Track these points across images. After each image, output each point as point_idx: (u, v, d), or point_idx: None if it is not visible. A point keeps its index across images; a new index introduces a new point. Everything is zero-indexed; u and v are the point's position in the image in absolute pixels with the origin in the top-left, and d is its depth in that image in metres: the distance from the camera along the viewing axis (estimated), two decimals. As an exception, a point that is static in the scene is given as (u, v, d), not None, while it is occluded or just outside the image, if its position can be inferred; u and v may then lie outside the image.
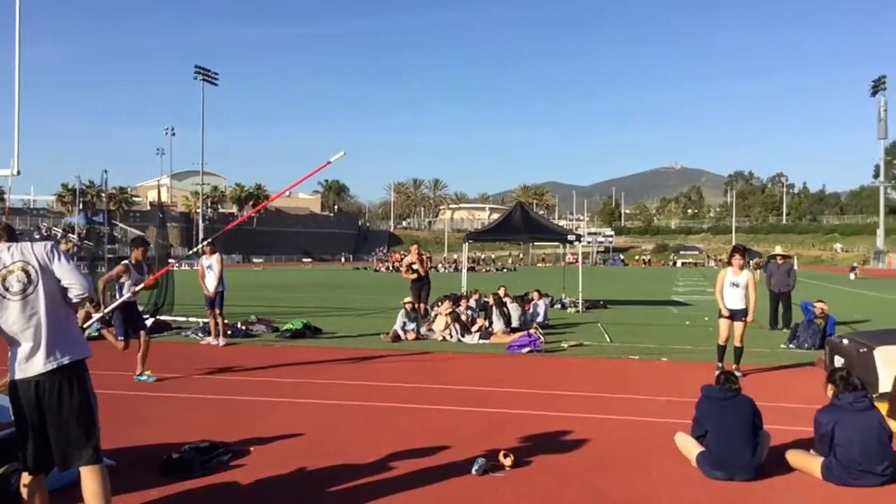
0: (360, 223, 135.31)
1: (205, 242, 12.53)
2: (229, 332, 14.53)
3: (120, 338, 9.81)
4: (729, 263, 10.87)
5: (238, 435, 7.03)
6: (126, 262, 10.27)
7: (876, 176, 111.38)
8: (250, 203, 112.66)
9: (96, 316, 8.04)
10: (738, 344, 10.68)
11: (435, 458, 6.40)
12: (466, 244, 23.44)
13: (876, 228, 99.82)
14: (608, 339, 15.09)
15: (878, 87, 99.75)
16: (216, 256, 13.71)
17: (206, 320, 14.59)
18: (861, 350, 8.94)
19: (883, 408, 7.05)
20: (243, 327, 15.39)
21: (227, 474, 5.96)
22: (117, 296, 9.81)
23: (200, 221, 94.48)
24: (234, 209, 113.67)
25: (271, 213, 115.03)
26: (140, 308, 10.89)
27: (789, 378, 10.82)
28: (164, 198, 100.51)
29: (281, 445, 6.80)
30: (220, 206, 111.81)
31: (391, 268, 64.14)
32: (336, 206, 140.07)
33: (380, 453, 6.46)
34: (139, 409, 8.31)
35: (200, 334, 14.63)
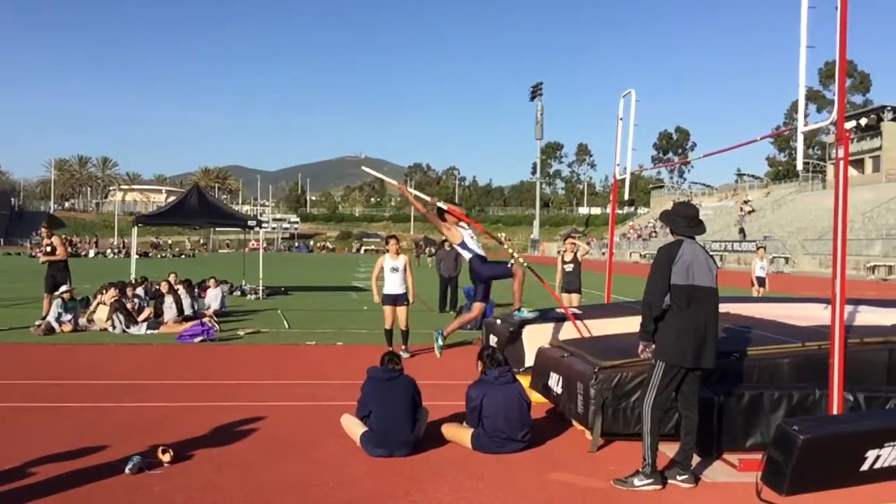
0: (13, 203, 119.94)
1: None
2: None
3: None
4: (386, 250, 11.43)
5: None
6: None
7: (534, 173, 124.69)
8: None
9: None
10: (403, 327, 11.22)
11: (85, 459, 5.85)
12: (136, 228, 21.87)
13: (533, 220, 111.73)
14: (287, 326, 15.05)
15: (536, 92, 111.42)
16: None
17: None
18: (511, 329, 9.82)
19: (526, 380, 7.83)
20: None
21: None
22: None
23: None
24: None
25: None
26: None
27: (452, 357, 11.57)
28: None
29: None
30: None
31: (52, 253, 57.94)
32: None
33: (19, 458, 5.75)
34: None
35: None
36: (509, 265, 8.96)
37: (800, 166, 8.56)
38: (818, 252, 47.96)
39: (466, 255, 9.00)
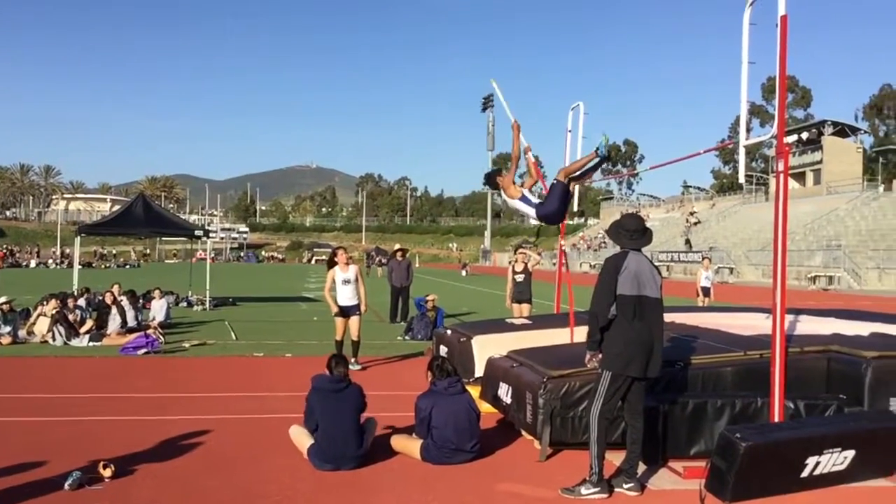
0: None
1: None
2: None
3: None
4: (334, 262, 11.16)
5: None
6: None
7: (485, 183, 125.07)
8: None
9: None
10: (354, 338, 11.10)
11: (24, 475, 5.68)
12: (79, 238, 21.38)
13: (484, 230, 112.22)
14: (234, 337, 14.84)
15: (487, 103, 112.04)
16: None
17: None
18: (461, 339, 9.82)
19: (476, 391, 7.83)
20: None
21: None
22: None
23: None
24: None
25: None
26: None
27: (403, 367, 11.57)
28: None
29: None
30: None
31: (-9, 263, 56.20)
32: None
33: (-50, 477, 5.55)
34: None
35: None
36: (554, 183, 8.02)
37: (741, 179, 8.71)
38: (761, 262, 49.08)
39: (531, 212, 8.07)
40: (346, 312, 11.00)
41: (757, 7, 6.35)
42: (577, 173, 7.49)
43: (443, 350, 10.23)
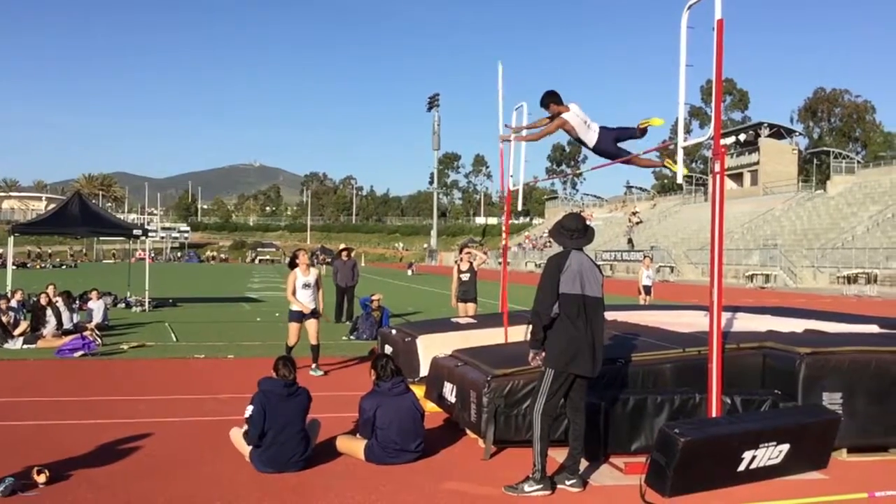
0: None
1: None
2: None
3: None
4: (294, 265, 10.93)
5: None
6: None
7: (431, 183, 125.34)
8: None
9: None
10: (314, 342, 10.82)
11: (-51, 485, 5.45)
12: (12, 237, 20.73)
13: (430, 229, 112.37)
14: (174, 339, 14.58)
15: (433, 103, 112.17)
16: None
17: None
18: (406, 339, 9.81)
19: (421, 390, 7.84)
20: None
21: None
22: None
23: None
24: None
25: None
26: None
27: (349, 368, 11.51)
28: None
29: None
30: None
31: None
32: None
33: None
34: None
35: None
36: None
37: (680, 180, 8.92)
38: (701, 261, 50.17)
39: (587, 118, 8.08)
40: (302, 317, 10.79)
41: (695, 10, 6.49)
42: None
43: (388, 349, 10.19)
